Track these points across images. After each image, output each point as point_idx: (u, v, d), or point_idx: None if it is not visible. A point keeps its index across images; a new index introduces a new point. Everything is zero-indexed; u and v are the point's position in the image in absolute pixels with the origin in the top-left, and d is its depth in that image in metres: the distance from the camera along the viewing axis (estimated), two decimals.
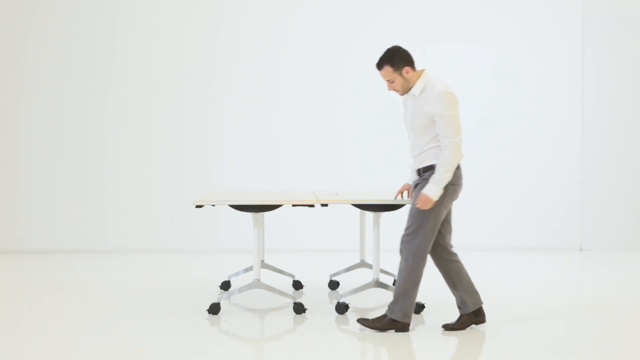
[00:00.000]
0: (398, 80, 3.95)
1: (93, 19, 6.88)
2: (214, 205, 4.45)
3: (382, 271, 4.82)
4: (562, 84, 7.04)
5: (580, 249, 7.06)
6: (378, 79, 7.08)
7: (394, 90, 4.01)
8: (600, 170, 7.05)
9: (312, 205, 4.26)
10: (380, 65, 3.98)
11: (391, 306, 3.92)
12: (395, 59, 3.93)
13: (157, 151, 6.92)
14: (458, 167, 3.91)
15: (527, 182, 7.08)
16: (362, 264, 5.06)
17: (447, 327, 4.02)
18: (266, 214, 5.04)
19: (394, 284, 4.97)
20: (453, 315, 4.28)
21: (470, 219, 6.90)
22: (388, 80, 3.98)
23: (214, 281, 5.22)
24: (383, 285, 4.44)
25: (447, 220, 4.02)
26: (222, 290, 4.96)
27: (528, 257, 6.59)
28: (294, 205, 4.31)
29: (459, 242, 4.99)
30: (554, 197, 7.06)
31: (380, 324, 3.93)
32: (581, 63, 7.02)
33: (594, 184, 7.06)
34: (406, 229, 3.92)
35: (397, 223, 6.58)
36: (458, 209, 4.34)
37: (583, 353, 3.67)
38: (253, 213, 4.37)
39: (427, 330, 4.02)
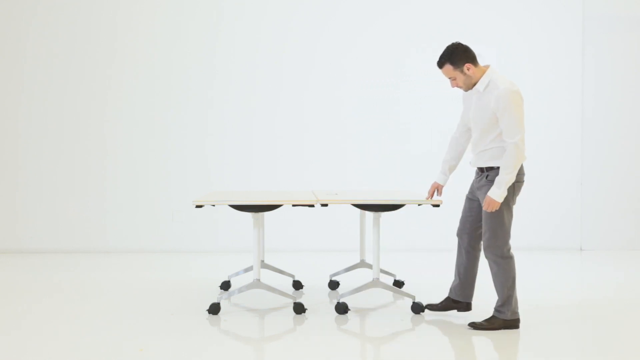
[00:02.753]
0: (460, 77, 3.91)
1: (93, 19, 6.88)
2: (214, 205, 4.45)
3: (382, 271, 4.82)
4: (562, 84, 7.04)
5: (580, 249, 7.06)
6: (377, 79, 7.13)
7: (457, 87, 3.98)
8: (600, 170, 7.05)
9: (312, 205, 4.26)
10: (440, 64, 3.94)
11: (499, 309, 3.94)
12: (454, 57, 3.89)
13: (157, 151, 6.92)
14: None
15: (527, 182, 7.05)
16: (362, 264, 5.06)
17: (431, 307, 4.31)
18: (266, 214, 5.04)
19: (394, 284, 4.99)
20: (453, 315, 4.28)
21: None
22: (450, 78, 3.94)
23: (214, 281, 5.21)
24: (383, 285, 4.44)
25: None
26: (222, 290, 4.96)
27: (528, 257, 6.59)
28: (294, 205, 4.31)
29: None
30: (554, 197, 7.06)
31: (494, 325, 3.93)
32: (581, 63, 7.01)
33: (594, 184, 7.06)
34: (484, 233, 3.96)
35: (397, 223, 6.60)
36: (458, 209, 4.34)
37: (583, 353, 3.67)
38: (253, 213, 4.37)
39: (427, 330, 4.02)
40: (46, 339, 3.82)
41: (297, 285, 5.06)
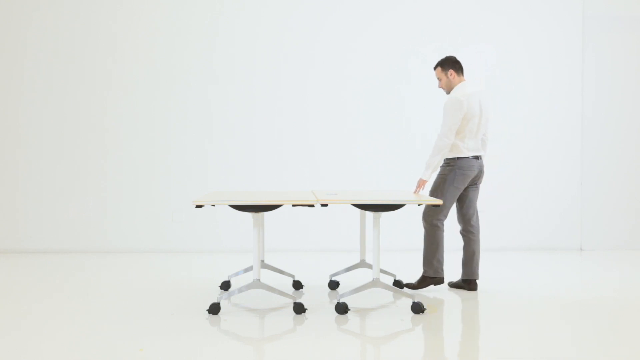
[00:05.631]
0: (444, 79, 4.86)
1: (93, 19, 6.88)
2: (214, 205, 4.45)
3: (382, 271, 4.82)
4: (562, 84, 7.04)
5: (580, 249, 7.06)
6: (377, 80, 7.13)
7: (441, 88, 4.90)
8: (600, 170, 7.05)
9: (312, 205, 4.26)
10: (435, 66, 4.90)
11: (424, 267, 4.85)
12: (445, 62, 4.86)
13: (157, 151, 6.93)
14: (477, 157, 4.81)
15: (527, 182, 7.08)
16: (362, 264, 5.05)
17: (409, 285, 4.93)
18: (266, 214, 5.05)
19: (394, 284, 4.99)
20: (453, 315, 4.29)
21: None
22: (437, 79, 4.89)
23: (214, 281, 5.22)
24: (383, 285, 4.44)
25: (468, 202, 4.90)
26: (222, 290, 4.96)
27: (528, 257, 6.59)
28: (294, 205, 4.31)
29: (459, 242, 5.03)
30: (554, 197, 7.07)
31: (422, 284, 4.85)
32: (581, 63, 7.02)
33: (594, 184, 7.06)
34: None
35: (397, 223, 6.60)
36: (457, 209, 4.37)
37: (582, 353, 3.67)
38: (253, 213, 4.37)
39: (427, 330, 4.02)
40: (46, 339, 3.82)
41: (297, 285, 5.06)
